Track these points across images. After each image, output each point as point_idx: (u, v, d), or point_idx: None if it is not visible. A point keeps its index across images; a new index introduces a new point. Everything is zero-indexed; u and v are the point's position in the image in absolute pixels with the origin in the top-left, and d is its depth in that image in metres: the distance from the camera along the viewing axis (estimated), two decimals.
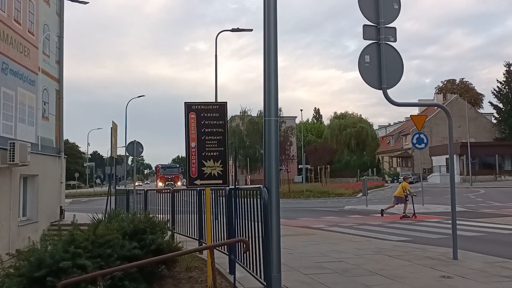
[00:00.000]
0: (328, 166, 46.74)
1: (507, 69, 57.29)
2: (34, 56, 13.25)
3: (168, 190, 10.94)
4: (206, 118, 5.41)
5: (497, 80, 58.14)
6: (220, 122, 5.51)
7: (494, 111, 60.01)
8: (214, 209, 6.98)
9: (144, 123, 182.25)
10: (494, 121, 60.50)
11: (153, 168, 40.72)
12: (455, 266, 6.58)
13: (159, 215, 8.52)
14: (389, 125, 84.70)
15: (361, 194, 28.29)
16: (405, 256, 7.42)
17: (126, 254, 5.11)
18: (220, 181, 5.43)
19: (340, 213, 18.59)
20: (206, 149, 5.37)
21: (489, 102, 60.19)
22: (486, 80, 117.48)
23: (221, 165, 5.38)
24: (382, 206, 20.20)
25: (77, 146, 76.75)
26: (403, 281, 5.69)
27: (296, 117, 66.42)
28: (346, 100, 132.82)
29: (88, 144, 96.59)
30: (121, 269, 4.36)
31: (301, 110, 75.15)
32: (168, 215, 9.48)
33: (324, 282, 5.64)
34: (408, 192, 15.59)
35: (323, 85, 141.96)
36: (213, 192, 6.84)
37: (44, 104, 14.09)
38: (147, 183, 59.05)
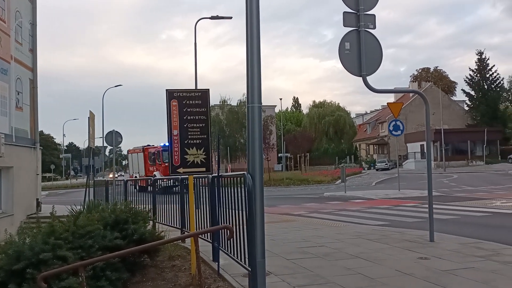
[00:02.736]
0: (307, 154, 47.25)
1: (479, 57, 58.76)
2: (6, 44, 12.79)
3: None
4: (188, 105, 5.37)
5: (469, 68, 59.70)
6: (203, 109, 5.47)
7: (466, 99, 61.62)
8: (196, 198, 6.97)
9: (122, 113, 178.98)
10: (466, 108, 62.13)
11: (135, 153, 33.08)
12: (431, 247, 6.80)
13: (140, 206, 8.45)
14: (366, 113, 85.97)
15: (339, 181, 28.77)
16: (384, 240, 7.62)
17: (108, 245, 5.07)
18: (203, 169, 5.41)
19: (320, 200, 18.86)
20: (189, 136, 5.33)
21: (462, 89, 61.76)
22: (459, 68, 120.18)
23: (204, 153, 5.36)
24: (360, 192, 20.65)
25: (52, 137, 74.89)
26: (382, 263, 5.85)
27: (276, 106, 66.72)
28: (324, 88, 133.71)
29: (64, 135, 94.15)
30: (102, 259, 4.33)
31: (281, 99, 75.55)
32: (150, 205, 9.41)
33: (307, 266, 5.75)
34: None
35: (301, 74, 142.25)
36: (195, 180, 6.82)
37: (18, 94, 13.66)
38: (121, 175, 57.05)
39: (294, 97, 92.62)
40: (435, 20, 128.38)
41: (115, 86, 38.89)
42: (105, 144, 19.32)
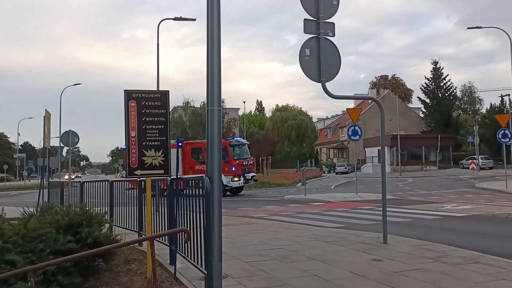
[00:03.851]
0: (270, 157, 47.60)
1: (434, 66, 61.51)
2: None
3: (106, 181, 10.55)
4: (147, 106, 5.30)
5: (425, 77, 62.29)
6: (162, 111, 5.42)
7: (422, 106, 64.29)
8: (155, 200, 6.88)
9: (80, 112, 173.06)
10: (422, 115, 64.81)
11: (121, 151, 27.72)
12: (385, 249, 7.04)
13: (96, 208, 8.22)
14: (327, 118, 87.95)
15: (300, 184, 29.16)
16: (340, 242, 7.81)
17: (60, 249, 4.91)
18: (162, 171, 5.36)
19: (280, 202, 19.04)
20: (147, 138, 5.27)
21: (418, 97, 64.38)
22: (415, 76, 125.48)
23: (162, 155, 5.31)
24: (319, 195, 21.04)
25: (6, 136, 71.26)
26: (337, 265, 6.00)
27: (239, 108, 66.93)
28: (287, 93, 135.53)
29: (19, 134, 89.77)
30: (54, 263, 4.18)
31: (244, 102, 75.96)
32: (106, 207, 9.17)
33: (264, 268, 5.81)
34: None
35: (265, 77, 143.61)
36: (155, 182, 6.74)
37: None
38: (78, 176, 54.61)
39: (257, 101, 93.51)
40: (394, 30, 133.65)
41: (74, 85, 37.52)
42: (62, 144, 18.62)
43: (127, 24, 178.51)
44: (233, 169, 24.25)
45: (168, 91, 5.43)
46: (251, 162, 28.06)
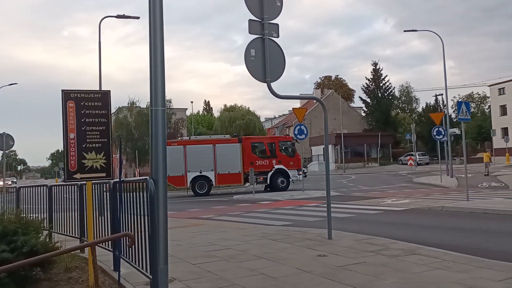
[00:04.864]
0: None
1: (374, 67, 64.43)
2: None
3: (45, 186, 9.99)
4: (87, 107, 5.07)
5: (366, 78, 65.10)
6: (103, 111, 5.22)
7: (363, 105, 67.09)
8: (98, 205, 6.63)
9: (18, 114, 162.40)
10: (363, 114, 67.61)
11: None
12: (329, 245, 7.27)
13: (34, 215, 7.77)
14: (275, 117, 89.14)
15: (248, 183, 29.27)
16: (287, 239, 7.96)
17: None
18: (103, 174, 5.16)
19: (229, 202, 19.04)
20: (87, 140, 5.04)
21: (359, 97, 67.11)
22: (357, 77, 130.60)
23: (104, 157, 5.11)
24: (267, 194, 21.29)
25: None
26: (284, 262, 6.11)
27: (187, 109, 66.13)
28: (235, 93, 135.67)
29: None
30: None
31: (192, 102, 75.03)
32: (45, 214, 8.69)
33: (212, 270, 5.78)
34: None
35: (212, 77, 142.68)
36: (96, 186, 6.47)
37: None
38: (13, 181, 50.78)
39: (205, 101, 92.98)
40: (337, 32, 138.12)
41: (10, 85, 35.12)
42: None
43: (67, 21, 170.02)
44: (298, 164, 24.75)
45: (110, 90, 5.24)
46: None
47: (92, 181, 5.46)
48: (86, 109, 5.07)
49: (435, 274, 5.22)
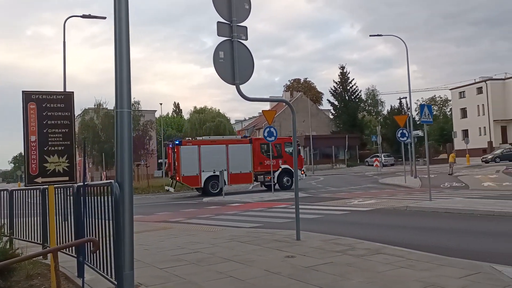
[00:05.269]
0: None
1: (341, 71, 65.74)
2: None
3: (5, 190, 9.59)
4: (49, 109, 4.91)
5: (334, 81, 66.34)
6: (66, 113, 5.07)
7: (331, 108, 68.29)
8: (63, 210, 6.43)
9: None
10: (331, 117, 68.78)
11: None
12: (298, 246, 7.33)
13: None
14: (245, 119, 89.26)
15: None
16: (256, 241, 7.97)
17: None
18: (66, 178, 5.00)
19: (199, 205, 18.89)
20: (49, 143, 4.88)
21: (328, 100, 68.34)
22: (325, 80, 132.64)
23: (67, 161, 4.96)
24: (237, 196, 21.26)
25: None
26: (253, 264, 6.11)
27: (156, 110, 65.23)
28: (205, 95, 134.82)
29: None
30: None
31: (161, 104, 74.16)
32: (6, 219, 8.34)
33: (180, 274, 5.71)
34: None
35: (182, 79, 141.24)
36: (60, 190, 6.27)
37: None
38: None
39: (175, 102, 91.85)
40: (305, 35, 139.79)
41: None
42: None
43: (30, 20, 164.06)
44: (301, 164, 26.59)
45: (73, 92, 5.09)
46: None
47: (55, 185, 5.28)
48: (48, 111, 4.90)
49: (399, 273, 5.37)
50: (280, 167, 25.06)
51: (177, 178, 23.80)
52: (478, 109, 57.02)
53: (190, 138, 29.17)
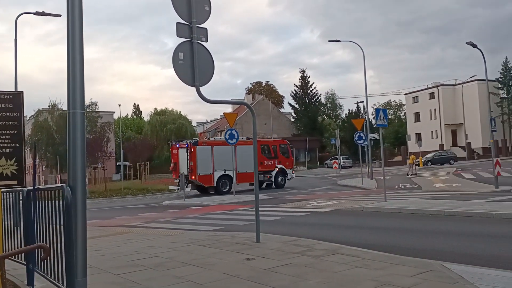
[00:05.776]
0: (148, 162, 46.04)
1: (302, 75, 66.93)
2: None
3: None
4: None
5: (294, 84, 67.53)
6: (15, 114, 4.83)
7: (292, 111, 69.23)
8: (13, 215, 6.12)
9: None
10: (292, 120, 69.74)
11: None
12: (257, 248, 7.36)
13: None
14: (207, 122, 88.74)
15: (179, 188, 28.75)
16: (216, 244, 7.92)
17: None
18: (15, 182, 4.76)
19: (158, 209, 18.54)
20: None
21: (288, 103, 69.29)
22: (286, 83, 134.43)
23: (15, 164, 4.72)
24: (198, 199, 21.07)
25: None
26: (212, 268, 6.07)
27: (114, 112, 63.52)
28: (166, 96, 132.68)
29: None
30: None
31: (120, 105, 71.91)
32: None
33: (136, 279, 5.57)
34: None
35: (142, 80, 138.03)
36: (9, 194, 5.97)
37: None
38: None
39: (135, 104, 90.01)
40: (267, 39, 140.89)
41: None
42: None
43: None
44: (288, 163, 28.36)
45: (22, 92, 4.86)
46: None
47: (2, 190, 5.01)
48: None
49: (354, 272, 5.51)
50: (276, 167, 27.13)
51: (193, 177, 23.97)
52: (431, 114, 59.74)
53: (209, 139, 30.55)
